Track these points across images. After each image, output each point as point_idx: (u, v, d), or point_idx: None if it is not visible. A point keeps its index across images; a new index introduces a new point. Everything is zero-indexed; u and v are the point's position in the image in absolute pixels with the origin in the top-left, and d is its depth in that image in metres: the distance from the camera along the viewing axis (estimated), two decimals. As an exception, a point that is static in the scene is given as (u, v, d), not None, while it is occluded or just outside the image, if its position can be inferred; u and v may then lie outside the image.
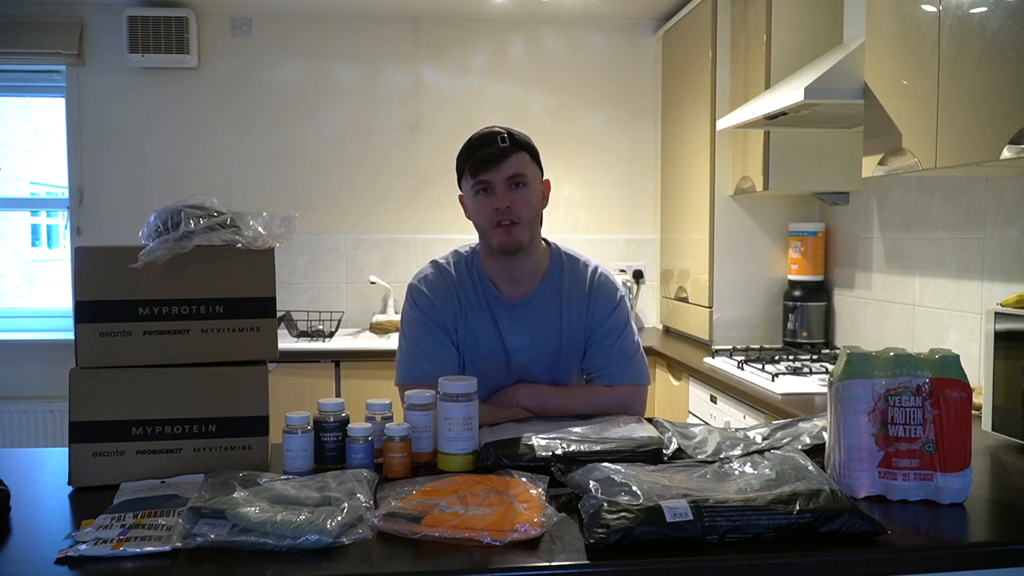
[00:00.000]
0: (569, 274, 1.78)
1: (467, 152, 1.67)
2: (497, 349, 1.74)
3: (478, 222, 1.69)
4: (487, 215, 1.65)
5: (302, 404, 1.51)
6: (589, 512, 1.13)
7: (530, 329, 1.74)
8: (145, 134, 3.79)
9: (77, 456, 1.39)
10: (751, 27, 3.02)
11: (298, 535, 1.08)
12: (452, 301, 1.74)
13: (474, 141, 1.67)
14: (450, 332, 1.73)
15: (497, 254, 1.70)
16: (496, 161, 1.63)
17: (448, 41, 3.92)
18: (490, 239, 1.68)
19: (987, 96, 1.77)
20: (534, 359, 1.75)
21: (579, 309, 1.76)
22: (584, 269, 1.80)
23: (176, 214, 1.42)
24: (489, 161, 1.63)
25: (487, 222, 1.66)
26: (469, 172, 1.66)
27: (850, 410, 1.28)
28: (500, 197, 1.64)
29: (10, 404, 3.70)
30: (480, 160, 1.63)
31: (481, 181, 1.64)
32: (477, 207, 1.67)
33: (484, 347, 1.74)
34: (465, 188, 1.70)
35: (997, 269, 2.24)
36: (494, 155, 1.63)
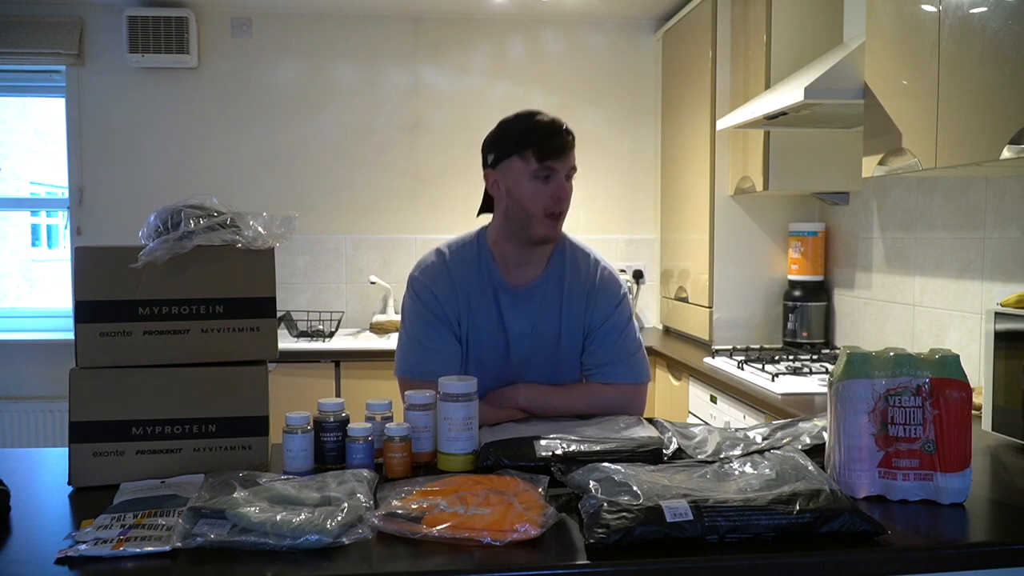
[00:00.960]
0: (571, 263, 1.76)
1: (530, 133, 1.62)
2: (498, 336, 1.72)
3: (527, 207, 1.63)
4: (542, 202, 1.62)
5: (302, 404, 1.51)
6: (589, 512, 1.13)
7: (531, 316, 1.72)
8: (145, 134, 3.79)
9: (77, 456, 1.39)
10: (751, 27, 3.02)
11: (298, 535, 1.08)
12: (455, 292, 1.71)
13: (541, 126, 1.63)
14: (452, 325, 1.71)
15: (532, 243, 1.68)
16: (565, 151, 1.62)
17: (448, 41, 3.92)
18: (534, 226, 1.64)
19: (987, 96, 1.77)
20: (534, 348, 1.74)
21: (580, 302, 1.75)
22: (587, 260, 1.78)
23: (176, 214, 1.42)
24: (559, 149, 1.61)
25: (539, 209, 1.63)
26: (535, 156, 1.61)
27: (850, 410, 1.28)
28: (562, 187, 1.63)
29: (10, 404, 3.70)
30: (552, 147, 1.61)
31: (548, 167, 1.61)
32: (532, 192, 1.62)
33: (485, 334, 1.72)
34: (514, 168, 1.63)
35: (997, 269, 2.24)
36: (564, 144, 1.62)
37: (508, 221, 1.68)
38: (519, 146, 1.62)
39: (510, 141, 1.65)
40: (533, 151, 1.61)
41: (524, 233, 1.67)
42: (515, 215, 1.66)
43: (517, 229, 1.67)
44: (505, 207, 1.67)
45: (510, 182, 1.65)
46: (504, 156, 1.65)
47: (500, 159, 1.66)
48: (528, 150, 1.61)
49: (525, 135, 1.63)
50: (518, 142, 1.63)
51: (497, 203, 1.70)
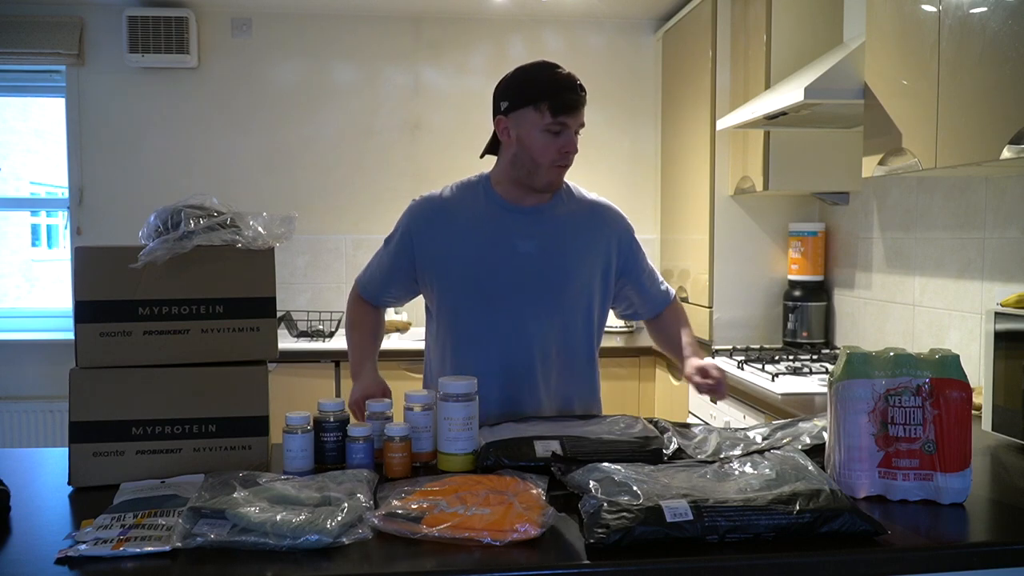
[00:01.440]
0: (574, 195, 1.84)
1: (547, 86, 1.66)
2: (506, 256, 1.73)
3: (535, 157, 1.68)
4: (551, 154, 1.67)
5: (302, 404, 1.51)
6: (589, 512, 1.13)
7: (538, 235, 1.74)
8: (145, 134, 3.79)
9: (77, 456, 1.39)
10: (751, 27, 3.02)
11: (298, 535, 1.08)
12: (437, 215, 1.79)
13: (558, 79, 1.67)
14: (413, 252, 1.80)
15: (536, 189, 1.73)
16: (578, 107, 1.68)
17: (448, 41, 3.92)
18: (540, 175, 1.69)
19: (987, 96, 1.77)
20: (543, 271, 1.73)
21: (590, 234, 1.80)
22: (593, 196, 1.88)
23: (176, 214, 1.42)
24: (573, 106, 1.66)
25: (548, 160, 1.68)
26: (550, 110, 1.64)
27: (850, 410, 1.29)
28: (572, 141, 1.68)
29: (10, 404, 3.70)
30: (566, 103, 1.65)
31: (560, 122, 1.66)
32: (542, 144, 1.67)
33: (490, 256, 1.73)
34: (527, 118, 1.67)
35: (997, 269, 2.24)
36: (577, 101, 1.67)
37: (514, 167, 1.72)
38: (535, 98, 1.66)
39: (526, 92, 1.68)
40: (548, 105, 1.64)
41: (529, 179, 1.71)
42: (523, 162, 1.70)
43: (523, 175, 1.71)
44: (513, 154, 1.71)
45: (522, 131, 1.68)
46: (518, 105, 1.68)
47: (514, 107, 1.69)
48: (543, 103, 1.65)
49: (542, 88, 1.66)
50: (534, 94, 1.66)
51: (505, 148, 1.74)
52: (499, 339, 1.74)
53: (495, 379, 1.70)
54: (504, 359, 1.73)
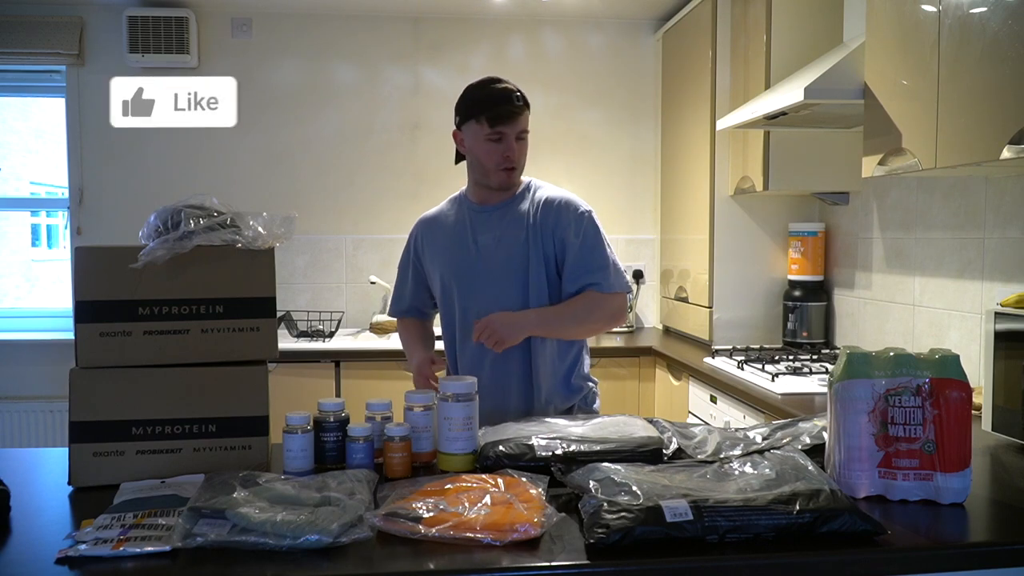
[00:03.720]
0: (537, 193, 1.98)
1: (484, 102, 1.87)
2: (468, 249, 1.95)
3: (483, 162, 1.90)
4: (495, 160, 1.89)
5: (302, 404, 1.51)
6: (589, 512, 1.13)
7: (497, 230, 1.94)
8: (145, 134, 3.79)
9: (77, 456, 1.39)
10: (751, 27, 3.02)
11: (298, 535, 1.08)
12: (422, 234, 2.06)
13: (493, 94, 1.87)
14: (420, 261, 2.06)
15: (492, 189, 1.95)
16: (513, 117, 1.87)
17: (448, 41, 3.92)
18: (490, 177, 1.92)
19: (987, 96, 1.77)
20: (504, 260, 1.92)
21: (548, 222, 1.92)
22: (553, 193, 1.98)
23: (176, 214, 1.42)
24: (507, 117, 1.86)
25: (494, 165, 1.89)
26: (487, 121, 1.86)
27: (850, 410, 1.28)
28: (510, 148, 1.88)
29: (10, 404, 3.70)
30: (500, 115, 1.85)
31: (497, 132, 1.86)
32: (486, 151, 1.89)
33: (458, 250, 1.96)
34: (472, 130, 1.89)
35: (997, 269, 2.24)
36: (512, 112, 1.86)
37: (472, 171, 1.98)
38: (475, 112, 1.88)
39: (469, 108, 1.90)
40: (486, 117, 1.86)
41: (485, 181, 1.94)
42: (477, 168, 1.95)
43: (480, 178, 1.96)
44: (469, 160, 1.96)
45: (470, 142, 1.92)
46: (465, 119, 1.91)
47: (463, 122, 1.92)
48: (482, 116, 1.86)
49: (479, 103, 1.88)
50: (474, 109, 1.88)
51: (466, 156, 1.97)
52: (461, 327, 1.96)
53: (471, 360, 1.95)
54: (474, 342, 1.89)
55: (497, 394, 1.91)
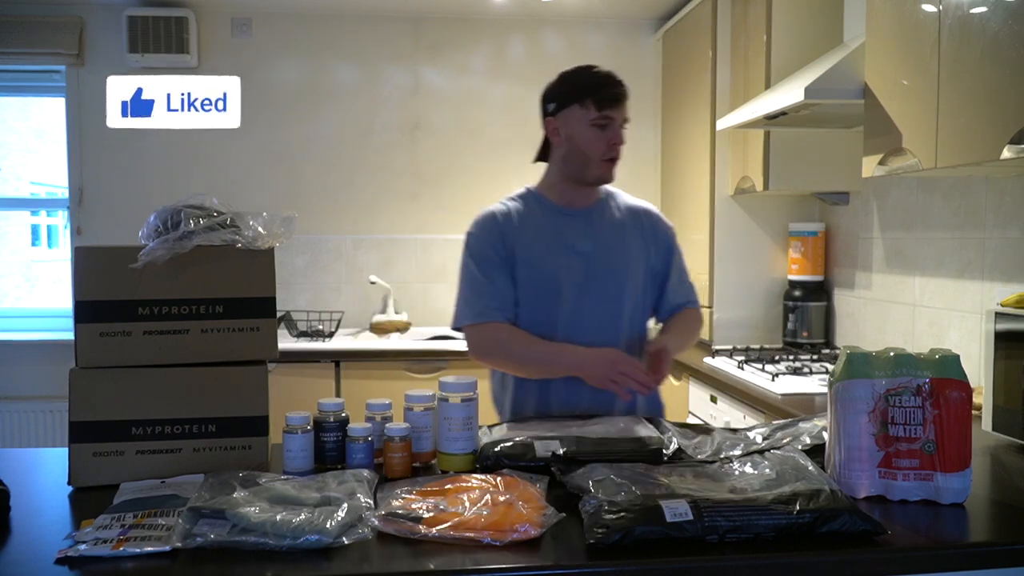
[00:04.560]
0: (618, 199, 1.88)
1: (590, 84, 1.75)
2: (564, 257, 1.78)
3: (585, 151, 1.74)
4: (600, 148, 1.74)
5: (302, 404, 1.51)
6: (589, 512, 1.13)
7: (593, 235, 1.80)
8: (145, 134, 3.79)
9: (77, 456, 1.39)
10: (751, 27, 3.02)
11: (298, 535, 1.08)
12: (504, 232, 1.79)
13: (599, 76, 1.76)
14: (506, 264, 1.78)
15: (587, 184, 1.80)
16: (621, 101, 1.75)
17: (448, 41, 3.92)
18: (590, 169, 1.76)
19: (987, 96, 1.77)
20: (609, 271, 1.79)
21: (646, 234, 1.85)
22: (635, 200, 1.91)
23: (176, 214, 1.42)
24: (616, 100, 1.74)
25: (598, 154, 1.74)
26: (594, 104, 1.73)
27: (850, 410, 1.28)
28: (618, 134, 1.75)
29: (10, 404, 3.70)
30: (610, 97, 1.73)
31: (606, 116, 1.73)
32: (590, 138, 1.74)
33: (558, 257, 1.78)
34: (575, 115, 1.75)
35: (997, 269, 2.24)
36: (620, 95, 1.75)
37: (567, 164, 1.79)
38: (580, 95, 1.74)
39: (572, 91, 1.76)
40: (593, 100, 1.73)
41: (582, 174, 1.78)
42: (574, 159, 1.77)
43: (575, 171, 1.78)
44: (564, 152, 1.78)
45: (570, 129, 1.76)
46: (565, 105, 1.76)
47: (561, 107, 1.77)
48: (588, 99, 1.73)
49: (586, 86, 1.75)
50: (579, 92, 1.75)
51: (555, 149, 1.81)
52: (564, 337, 1.77)
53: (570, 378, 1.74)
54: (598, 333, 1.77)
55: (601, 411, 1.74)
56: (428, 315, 3.91)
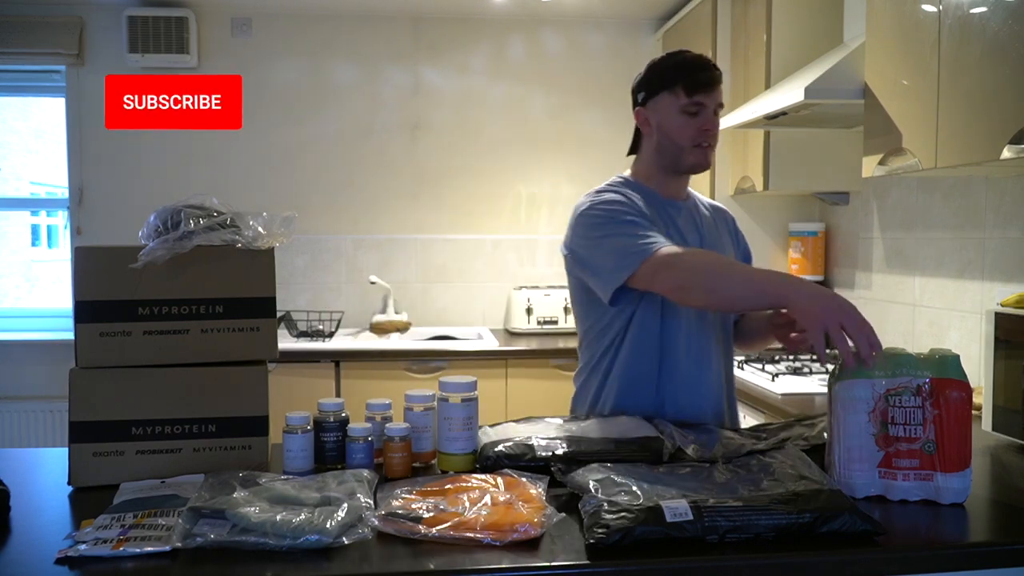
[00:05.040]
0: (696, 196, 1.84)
1: (680, 69, 1.66)
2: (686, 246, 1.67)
3: (675, 140, 1.67)
4: (691, 135, 1.66)
5: (302, 404, 1.51)
6: (589, 512, 1.13)
7: (695, 228, 1.75)
8: (145, 134, 3.79)
9: (77, 456, 1.39)
10: (751, 27, 3.02)
11: (298, 535, 1.08)
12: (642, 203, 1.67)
13: (689, 60, 1.67)
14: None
15: (682, 172, 1.72)
16: (713, 86, 1.66)
17: (448, 41, 3.92)
18: (684, 157, 1.68)
19: (987, 96, 1.77)
20: None
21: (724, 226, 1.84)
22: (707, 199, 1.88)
23: (176, 214, 1.42)
24: (708, 84, 1.65)
25: (688, 141, 1.66)
26: (684, 90, 1.64)
27: (850, 410, 1.28)
28: (710, 120, 1.66)
29: (10, 404, 3.70)
30: (699, 81, 1.64)
31: (696, 103, 1.65)
32: (680, 125, 1.66)
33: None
34: (664, 103, 1.67)
35: (997, 269, 2.24)
36: (712, 79, 1.65)
37: (659, 154, 1.71)
38: (669, 82, 1.66)
39: (660, 78, 1.68)
40: (682, 86, 1.65)
41: (675, 164, 1.70)
42: (666, 148, 1.69)
43: (669, 161, 1.71)
44: (656, 141, 1.71)
45: (661, 117, 1.68)
46: (654, 93, 1.69)
47: (650, 96, 1.70)
48: (678, 85, 1.65)
49: (675, 71, 1.67)
50: (668, 78, 1.67)
51: (647, 139, 1.74)
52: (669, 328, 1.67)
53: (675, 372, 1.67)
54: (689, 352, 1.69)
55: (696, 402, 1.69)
56: (428, 315, 3.91)
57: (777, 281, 1.43)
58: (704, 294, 1.50)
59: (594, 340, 1.75)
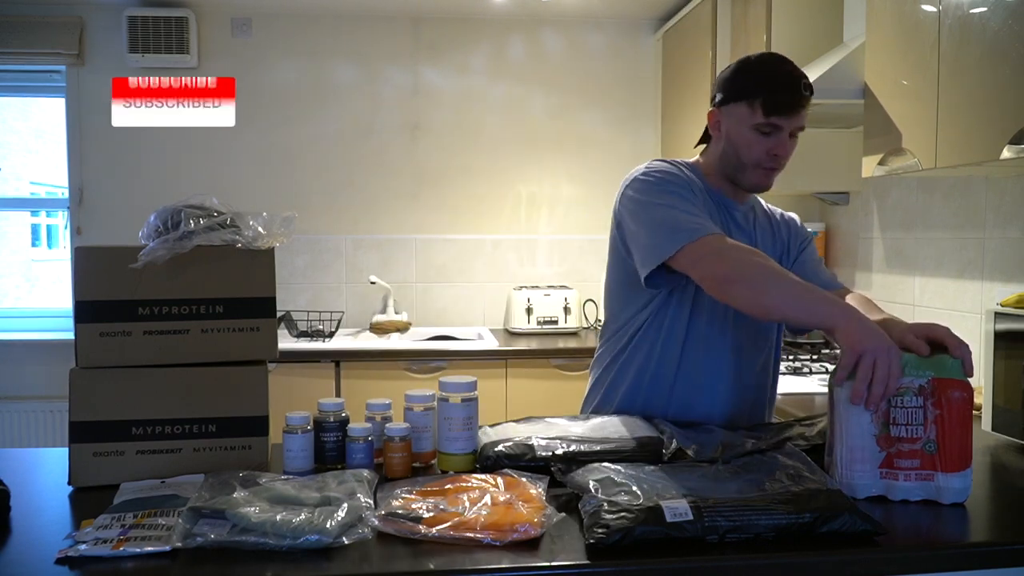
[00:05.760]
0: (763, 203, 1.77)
1: (765, 83, 1.54)
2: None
3: (741, 155, 1.58)
4: (758, 154, 1.56)
5: (302, 404, 1.51)
6: (589, 512, 1.13)
7: (750, 232, 1.67)
8: (145, 134, 3.79)
9: (77, 456, 1.39)
10: (751, 27, 3.02)
11: (298, 535, 1.08)
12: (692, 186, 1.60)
13: (778, 75, 1.54)
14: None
15: (741, 187, 1.64)
16: (795, 111, 1.54)
17: (448, 41, 3.92)
18: (745, 174, 1.60)
19: (987, 96, 1.77)
20: None
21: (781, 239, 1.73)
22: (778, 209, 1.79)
23: (176, 214, 1.42)
24: (788, 108, 1.53)
25: (754, 160, 1.57)
26: (763, 109, 1.53)
27: (852, 411, 1.28)
28: (782, 145, 1.56)
29: (10, 404, 3.70)
30: (781, 103, 1.53)
31: (772, 123, 1.54)
32: (751, 141, 1.56)
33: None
34: (739, 114, 1.57)
35: (997, 269, 2.24)
36: (796, 104, 1.54)
37: (722, 162, 1.63)
38: (749, 94, 1.55)
39: (741, 86, 1.57)
40: (761, 102, 1.53)
41: (735, 177, 1.62)
42: (730, 159, 1.61)
43: (730, 171, 1.62)
44: (722, 148, 1.62)
45: (731, 127, 1.59)
46: (731, 99, 1.58)
47: (727, 101, 1.60)
48: (757, 100, 1.54)
49: (758, 84, 1.55)
50: (749, 89, 1.55)
51: (715, 141, 1.65)
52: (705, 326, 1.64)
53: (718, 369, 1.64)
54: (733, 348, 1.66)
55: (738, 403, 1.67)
56: (428, 315, 3.91)
57: (830, 305, 1.35)
58: (748, 292, 1.39)
59: (618, 330, 1.71)
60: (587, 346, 3.38)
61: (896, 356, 1.25)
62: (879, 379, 1.23)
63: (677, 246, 1.46)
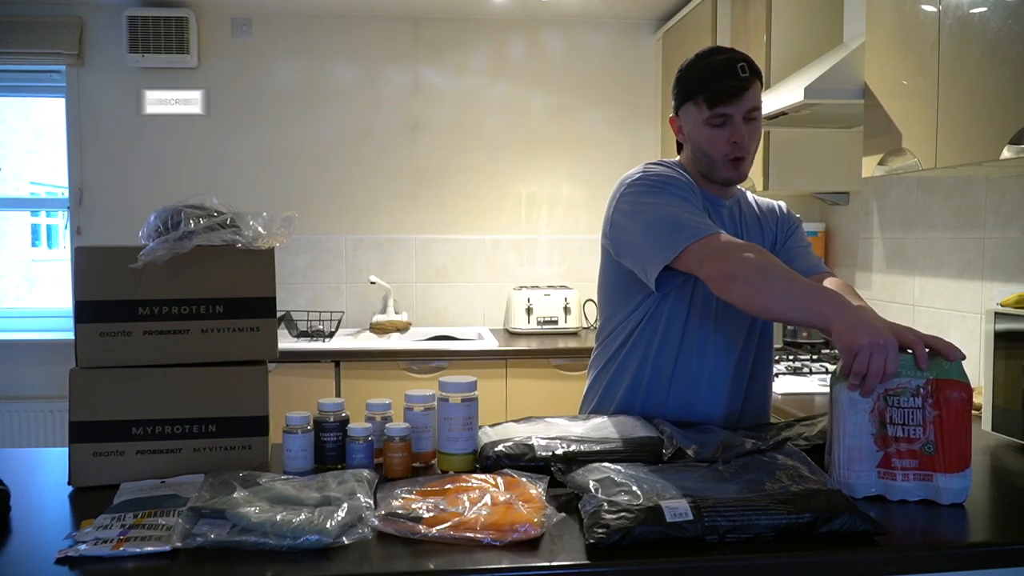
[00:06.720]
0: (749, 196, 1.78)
1: (702, 78, 1.57)
2: None
3: (708, 153, 1.60)
4: (721, 148, 1.58)
5: (302, 404, 1.51)
6: (589, 512, 1.13)
7: (735, 227, 1.68)
8: (145, 134, 3.79)
9: (77, 456, 1.39)
10: (751, 27, 3.02)
11: (298, 535, 1.08)
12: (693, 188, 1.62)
13: (712, 68, 1.56)
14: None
15: (717, 184, 1.66)
16: (738, 95, 1.55)
17: (448, 41, 3.92)
18: (717, 171, 1.61)
19: (987, 96, 1.77)
20: None
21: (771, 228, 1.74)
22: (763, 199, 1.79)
23: (176, 214, 1.42)
24: (730, 95, 1.54)
25: (719, 155, 1.59)
26: (705, 102, 1.56)
27: (850, 410, 1.28)
28: (738, 132, 1.57)
29: (10, 404, 3.70)
30: (721, 93, 1.54)
31: (719, 115, 1.56)
32: (709, 138, 1.58)
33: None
34: (690, 114, 1.60)
35: (997, 269, 2.24)
36: (736, 88, 1.54)
37: (695, 164, 1.66)
38: (692, 92, 1.59)
39: (684, 87, 1.61)
40: (704, 97, 1.56)
41: (710, 175, 1.64)
42: (700, 159, 1.63)
43: (704, 171, 1.64)
44: (691, 150, 1.65)
45: (689, 128, 1.62)
46: (681, 102, 1.62)
47: (679, 105, 1.64)
48: (699, 96, 1.57)
49: (695, 80, 1.58)
50: (691, 88, 1.59)
51: (684, 146, 1.68)
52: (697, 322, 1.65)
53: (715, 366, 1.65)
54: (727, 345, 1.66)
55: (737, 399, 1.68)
56: (428, 315, 3.91)
57: (822, 300, 1.35)
58: (749, 290, 1.40)
59: (613, 331, 1.72)
60: (587, 346, 3.38)
61: (893, 348, 1.24)
62: (874, 373, 1.23)
63: (682, 246, 1.47)
